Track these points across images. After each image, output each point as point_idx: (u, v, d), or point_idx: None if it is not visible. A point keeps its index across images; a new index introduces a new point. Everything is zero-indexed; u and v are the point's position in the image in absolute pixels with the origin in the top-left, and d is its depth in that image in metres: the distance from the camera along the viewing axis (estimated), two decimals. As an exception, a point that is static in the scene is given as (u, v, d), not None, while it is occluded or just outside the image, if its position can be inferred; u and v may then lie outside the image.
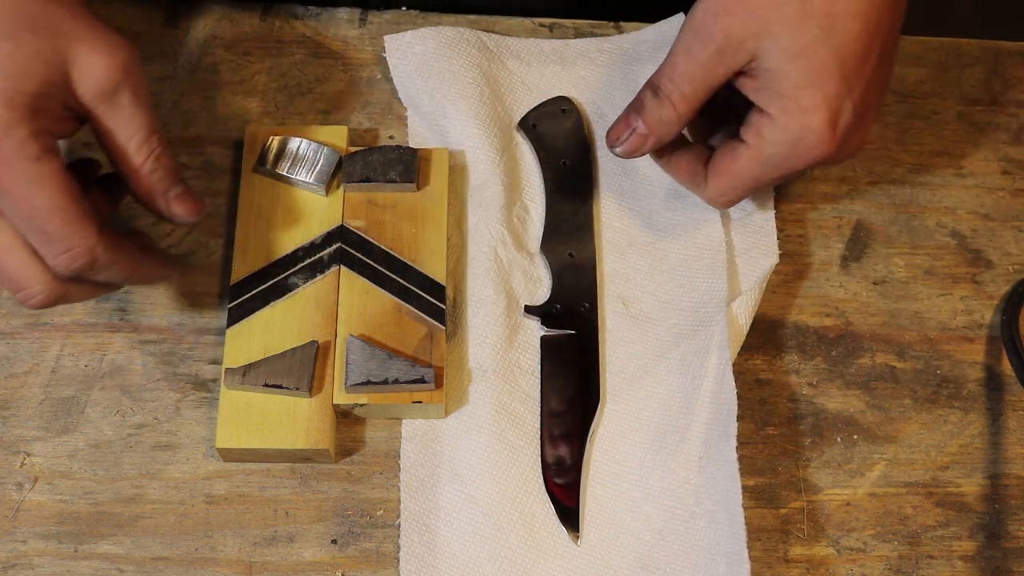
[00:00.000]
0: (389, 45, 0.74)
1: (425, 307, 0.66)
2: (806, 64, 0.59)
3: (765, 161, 0.62)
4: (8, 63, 0.52)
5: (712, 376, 0.65)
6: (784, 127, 0.60)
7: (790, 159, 0.61)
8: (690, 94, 0.62)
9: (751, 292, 0.68)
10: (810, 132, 0.60)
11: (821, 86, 0.59)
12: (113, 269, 0.57)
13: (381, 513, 0.64)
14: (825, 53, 0.59)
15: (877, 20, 0.59)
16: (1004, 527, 0.66)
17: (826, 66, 0.59)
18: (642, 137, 0.63)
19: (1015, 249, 0.73)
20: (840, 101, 0.59)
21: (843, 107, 0.59)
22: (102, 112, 0.56)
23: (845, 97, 0.59)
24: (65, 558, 0.62)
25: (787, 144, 0.60)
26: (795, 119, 0.60)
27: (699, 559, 0.62)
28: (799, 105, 0.59)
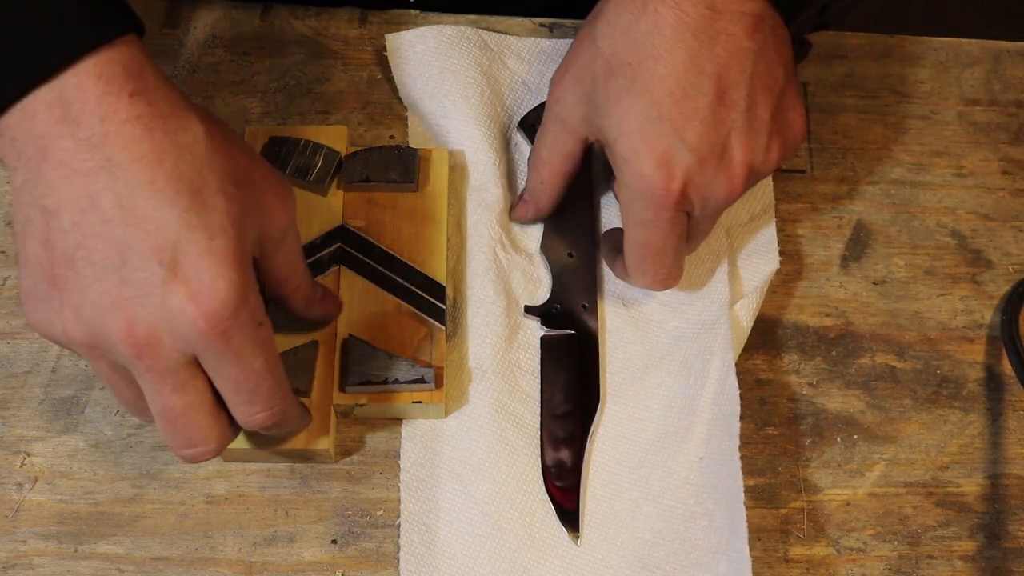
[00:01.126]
0: (390, 45, 0.74)
1: (425, 307, 0.66)
2: (619, 117, 0.59)
3: (635, 224, 0.61)
4: (228, 224, 0.51)
5: (715, 378, 0.65)
6: (625, 184, 0.60)
7: (649, 210, 0.60)
8: (550, 160, 0.66)
9: (752, 296, 0.68)
10: (643, 178, 0.59)
11: (638, 133, 0.59)
12: (290, 425, 0.59)
13: (381, 513, 0.64)
14: (633, 100, 0.59)
15: (688, 56, 0.58)
16: (1004, 527, 0.66)
17: (636, 113, 0.59)
18: (525, 204, 0.69)
19: (1015, 249, 0.73)
20: (664, 142, 0.58)
21: (671, 147, 0.58)
22: (278, 250, 0.56)
23: (670, 137, 0.58)
24: (65, 558, 0.62)
25: (636, 197, 0.60)
26: (628, 172, 0.60)
27: (699, 559, 0.62)
28: (626, 156, 0.59)
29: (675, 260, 0.63)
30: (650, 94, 0.59)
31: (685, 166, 0.59)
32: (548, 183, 0.67)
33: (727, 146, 0.59)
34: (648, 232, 0.61)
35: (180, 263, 0.50)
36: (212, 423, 0.54)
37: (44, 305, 0.52)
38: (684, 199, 0.60)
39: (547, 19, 0.77)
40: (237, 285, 0.50)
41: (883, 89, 0.77)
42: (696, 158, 0.59)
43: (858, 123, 0.76)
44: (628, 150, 0.59)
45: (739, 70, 0.59)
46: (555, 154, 0.66)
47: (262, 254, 0.56)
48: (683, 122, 0.58)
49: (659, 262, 0.63)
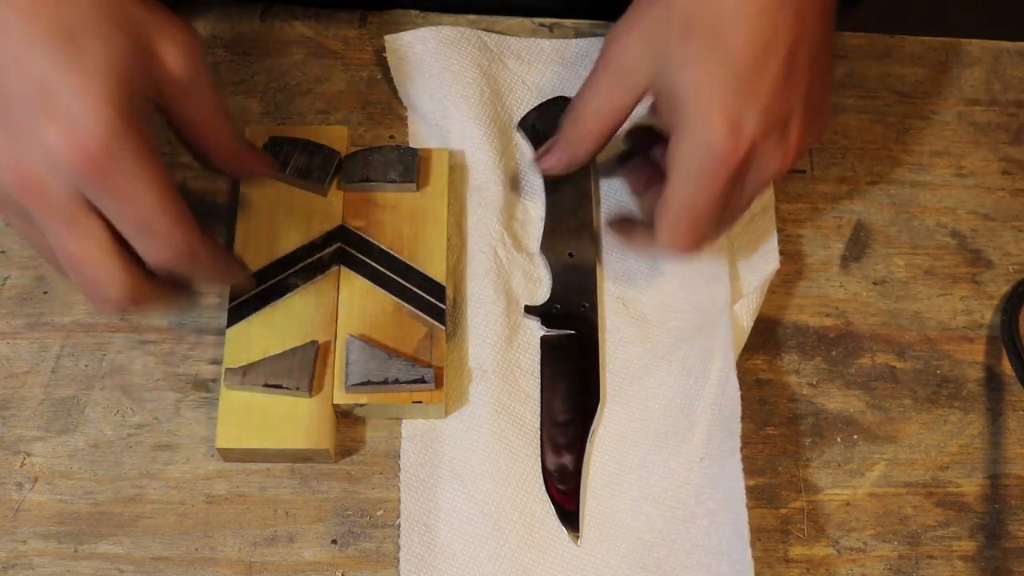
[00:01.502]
0: (389, 45, 0.74)
1: (425, 307, 0.66)
2: (695, 77, 0.59)
3: (685, 182, 0.61)
4: (102, 63, 0.52)
5: (715, 378, 0.65)
6: (688, 141, 0.60)
7: (706, 174, 0.60)
8: (600, 113, 0.65)
9: (752, 295, 0.68)
10: (712, 140, 0.59)
11: (714, 95, 0.59)
12: (206, 264, 0.58)
13: (381, 513, 0.64)
14: (712, 64, 0.59)
15: (771, 26, 0.59)
16: (1004, 527, 0.66)
17: (714, 76, 0.59)
18: (558, 154, 0.68)
19: (1015, 249, 0.73)
20: (738, 106, 0.59)
21: (743, 112, 0.59)
22: (183, 97, 0.56)
23: (744, 103, 0.59)
24: (65, 558, 0.62)
25: (695, 158, 0.60)
26: (695, 131, 0.60)
27: (700, 559, 0.62)
28: (696, 116, 0.60)
29: (709, 227, 0.63)
30: (730, 58, 0.59)
31: (753, 131, 0.59)
32: (594, 135, 0.66)
33: (788, 120, 0.61)
34: (697, 192, 0.61)
35: (55, 104, 0.51)
36: (116, 265, 0.55)
37: None
38: (744, 165, 0.60)
39: (547, 19, 0.77)
40: (111, 122, 0.52)
41: (883, 89, 0.77)
42: (764, 126, 0.60)
43: (858, 123, 0.76)
44: (700, 108, 0.59)
45: (807, 47, 0.60)
46: (609, 108, 0.64)
47: (165, 103, 0.56)
48: (757, 89, 0.59)
49: (696, 225, 0.62)
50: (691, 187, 0.61)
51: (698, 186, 0.61)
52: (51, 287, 0.68)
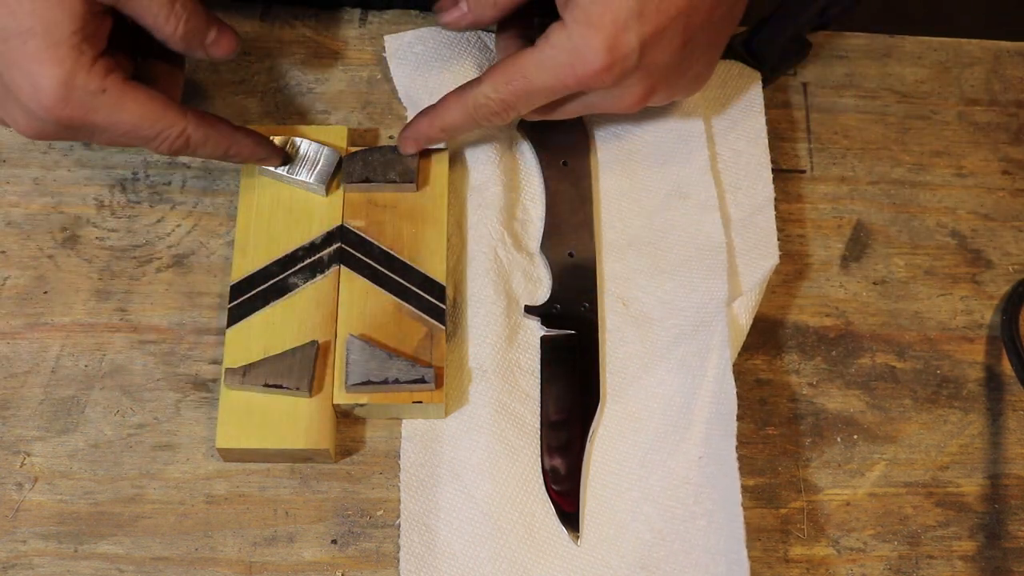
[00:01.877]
0: (389, 45, 0.74)
1: (425, 307, 0.66)
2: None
3: (541, 63, 0.62)
4: (35, 21, 0.56)
5: (712, 376, 0.65)
6: (568, 35, 0.61)
7: (562, 68, 0.61)
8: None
9: (751, 293, 0.68)
10: (588, 46, 0.60)
11: (612, 8, 0.60)
12: (209, 143, 0.63)
13: (381, 513, 0.64)
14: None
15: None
16: (1004, 527, 0.66)
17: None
18: (461, 13, 0.67)
19: (1015, 249, 0.73)
20: (626, 29, 0.60)
21: (626, 35, 0.60)
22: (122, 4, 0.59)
23: (632, 27, 0.60)
24: (65, 558, 0.62)
25: (565, 52, 0.61)
26: (579, 30, 0.60)
27: (699, 559, 0.62)
28: (587, 17, 0.60)
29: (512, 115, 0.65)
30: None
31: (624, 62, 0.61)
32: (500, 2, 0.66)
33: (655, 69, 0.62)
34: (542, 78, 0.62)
35: (14, 74, 0.58)
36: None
37: None
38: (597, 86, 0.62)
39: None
40: (57, 76, 0.58)
41: (883, 89, 0.77)
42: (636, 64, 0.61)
43: (858, 123, 0.76)
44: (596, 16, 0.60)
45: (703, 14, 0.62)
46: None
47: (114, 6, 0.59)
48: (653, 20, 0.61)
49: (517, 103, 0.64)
50: (542, 69, 0.62)
51: (548, 73, 0.62)
52: (51, 287, 0.68)
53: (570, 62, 0.61)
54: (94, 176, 0.71)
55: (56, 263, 0.68)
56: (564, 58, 0.61)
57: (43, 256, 0.69)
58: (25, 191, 0.70)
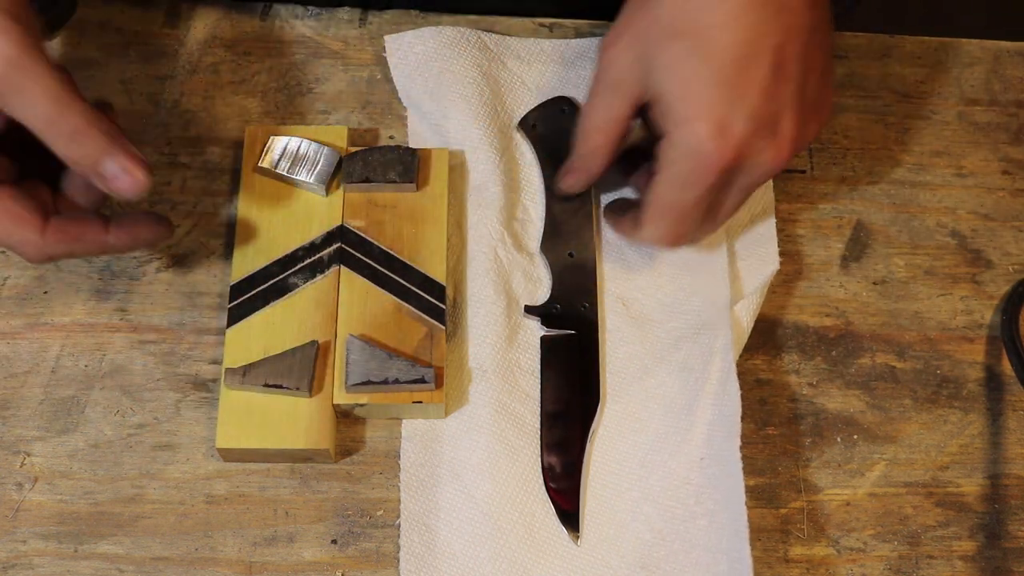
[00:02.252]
0: (389, 45, 0.74)
1: (425, 307, 0.66)
2: (680, 80, 0.60)
3: (673, 182, 0.61)
4: None
5: (716, 378, 0.65)
6: (676, 142, 0.60)
7: (694, 173, 0.60)
8: (602, 126, 0.65)
9: (752, 296, 0.68)
10: (699, 141, 0.59)
11: (699, 98, 0.59)
12: (75, 254, 0.61)
13: (381, 513, 0.64)
14: (697, 64, 0.59)
15: (754, 26, 0.59)
16: (1004, 527, 0.66)
17: (699, 78, 0.59)
18: (575, 172, 0.68)
19: (1015, 249, 0.73)
20: (724, 109, 0.59)
21: (730, 114, 0.59)
22: (8, 110, 0.56)
23: (730, 104, 0.59)
24: (65, 558, 0.62)
25: (684, 158, 0.60)
26: (683, 131, 0.60)
27: (699, 558, 0.62)
28: (684, 117, 0.60)
29: (693, 225, 0.63)
30: (714, 60, 0.59)
31: (740, 134, 0.59)
32: (602, 149, 0.66)
33: (779, 119, 0.60)
34: (683, 192, 0.61)
35: None
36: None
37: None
38: (731, 167, 0.60)
39: (547, 19, 0.77)
40: None
41: (883, 89, 0.77)
42: (752, 128, 0.60)
43: (858, 123, 0.76)
44: (685, 112, 0.60)
45: (796, 44, 0.60)
46: (609, 120, 0.65)
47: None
48: (744, 91, 0.59)
49: (681, 222, 0.63)
50: (677, 187, 0.61)
51: (683, 187, 0.61)
52: (51, 287, 0.68)
53: (692, 166, 0.60)
54: (94, 176, 0.71)
55: (56, 263, 0.68)
56: (686, 165, 0.60)
57: (43, 256, 0.69)
58: (25, 191, 0.70)
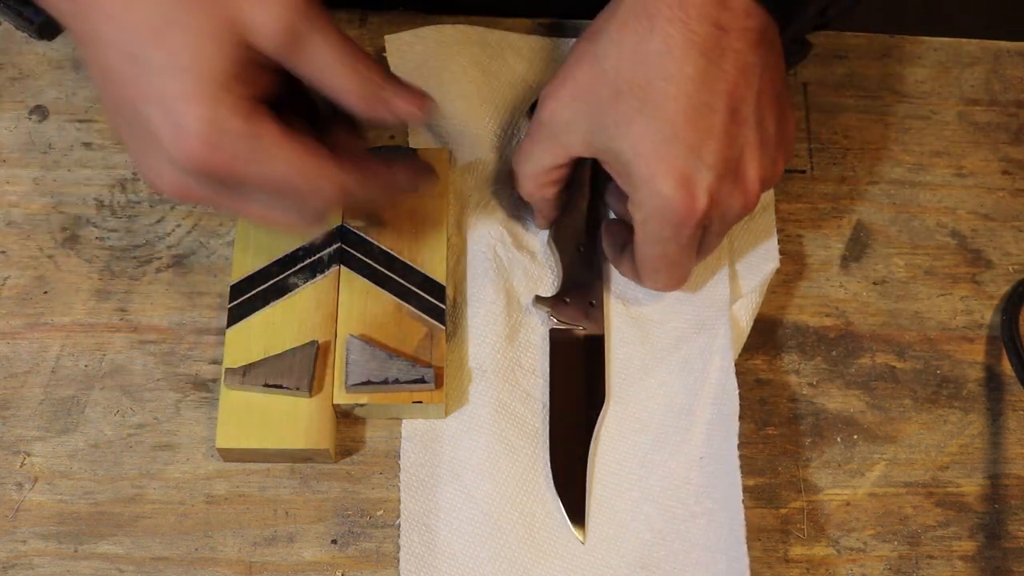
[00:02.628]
0: (390, 45, 0.74)
1: (425, 307, 0.66)
2: (635, 140, 0.59)
3: (651, 238, 0.61)
4: (187, 58, 0.52)
5: (715, 378, 0.65)
6: (640, 203, 0.60)
7: (668, 228, 0.60)
8: (534, 175, 0.65)
9: (752, 295, 0.68)
10: (662, 198, 0.59)
11: (657, 156, 0.59)
12: (370, 192, 0.58)
13: (381, 513, 0.64)
14: (648, 125, 0.58)
15: (701, 76, 0.58)
16: (1004, 527, 0.66)
17: (653, 137, 0.58)
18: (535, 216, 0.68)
19: (1015, 249, 0.73)
20: (683, 163, 0.58)
21: (690, 165, 0.58)
22: (294, 60, 0.55)
23: (688, 158, 0.58)
24: (65, 558, 0.62)
25: (653, 215, 0.60)
26: (647, 191, 0.59)
27: (699, 558, 0.62)
28: (644, 176, 0.59)
29: (688, 267, 0.64)
30: (663, 114, 0.58)
31: (706, 185, 0.59)
32: (537, 196, 0.66)
33: (741, 162, 0.60)
34: (666, 248, 0.61)
35: (158, 113, 0.52)
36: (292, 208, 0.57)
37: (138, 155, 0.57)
38: (703, 217, 0.60)
39: (546, 19, 0.77)
40: (207, 118, 0.52)
41: (883, 89, 0.77)
42: (715, 176, 0.59)
43: (858, 123, 0.76)
44: (646, 171, 0.59)
45: (747, 86, 0.59)
46: (542, 169, 0.65)
47: (284, 63, 0.55)
48: (699, 141, 0.58)
49: (673, 271, 0.63)
50: (658, 244, 0.61)
51: (664, 243, 0.61)
52: (51, 287, 0.68)
53: (665, 223, 0.60)
54: (94, 176, 0.71)
55: (56, 263, 0.68)
56: (659, 223, 0.60)
57: (43, 256, 0.69)
58: (25, 191, 0.70)
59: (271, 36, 0.53)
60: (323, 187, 0.55)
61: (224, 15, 0.53)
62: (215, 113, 0.52)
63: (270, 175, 0.54)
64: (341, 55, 0.55)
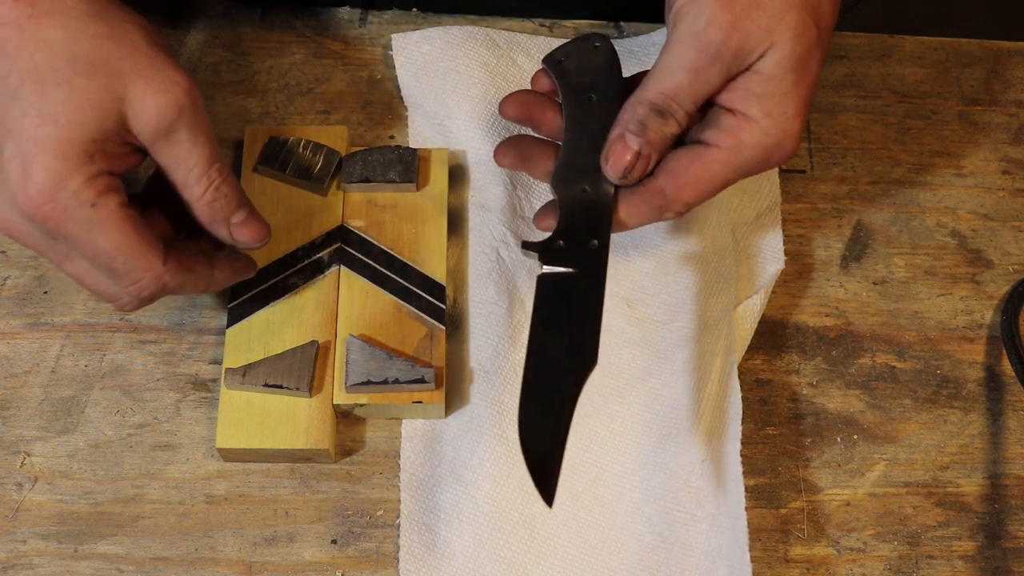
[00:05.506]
0: (396, 44, 0.74)
1: (425, 307, 0.66)
2: (800, 73, 0.58)
3: (740, 165, 0.59)
4: (61, 112, 0.53)
5: (717, 380, 0.65)
6: (767, 131, 0.58)
7: (764, 162, 0.59)
8: (692, 110, 0.60)
9: (756, 297, 0.68)
10: (789, 137, 0.59)
11: (805, 93, 0.59)
12: (186, 287, 0.59)
13: (381, 513, 0.64)
14: (815, 63, 0.59)
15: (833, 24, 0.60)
16: (1004, 527, 0.66)
17: (812, 74, 0.59)
18: (647, 159, 0.60)
19: (1015, 249, 0.73)
20: (809, 104, 0.59)
21: (808, 110, 0.60)
22: (159, 149, 0.57)
23: (811, 99, 0.60)
24: (65, 558, 0.62)
25: (766, 148, 0.59)
26: (778, 124, 0.58)
27: (699, 562, 0.62)
28: (785, 111, 0.58)
29: None
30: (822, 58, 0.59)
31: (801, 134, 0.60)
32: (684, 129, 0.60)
33: None
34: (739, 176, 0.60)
35: (13, 149, 0.53)
36: (108, 282, 0.57)
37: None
38: None
39: (547, 19, 0.77)
40: (54, 170, 0.53)
41: (883, 89, 0.77)
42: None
43: (858, 123, 0.76)
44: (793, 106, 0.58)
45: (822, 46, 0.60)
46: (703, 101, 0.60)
47: (149, 149, 0.57)
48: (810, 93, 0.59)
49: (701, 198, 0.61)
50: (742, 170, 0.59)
51: (747, 170, 0.59)
52: (51, 287, 0.68)
53: (771, 156, 0.59)
54: (94, 176, 0.71)
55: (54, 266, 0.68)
56: (765, 154, 0.59)
57: (43, 256, 0.69)
58: (25, 191, 0.70)
59: (147, 123, 0.55)
60: (140, 275, 0.57)
61: (113, 88, 0.54)
62: (63, 170, 0.53)
63: (93, 245, 0.55)
64: (202, 162, 0.57)
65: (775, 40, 0.57)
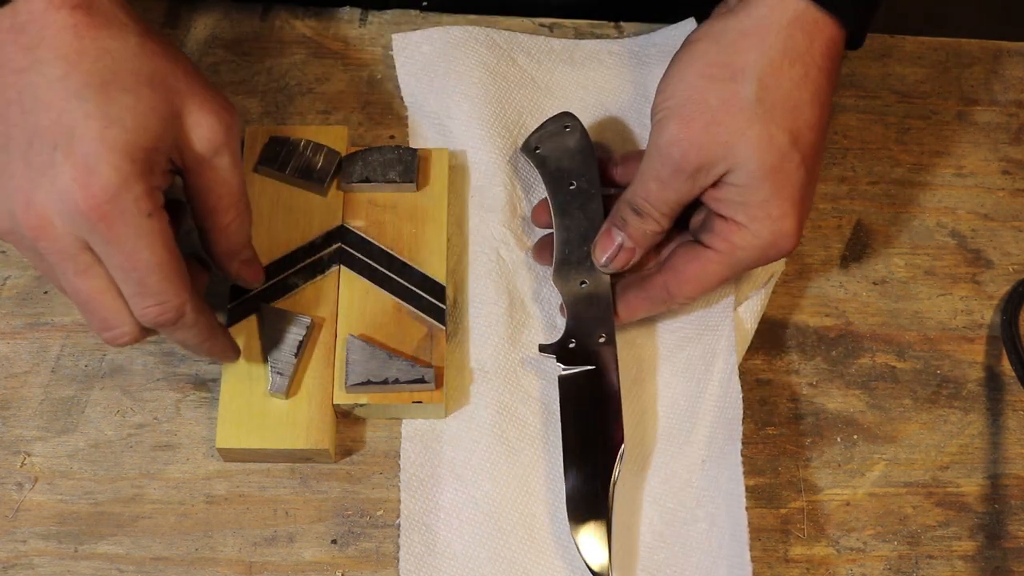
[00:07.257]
0: (397, 44, 0.74)
1: (425, 307, 0.66)
2: (775, 180, 0.60)
3: (735, 264, 0.63)
4: (128, 117, 0.54)
5: (717, 380, 0.65)
6: (756, 234, 0.61)
7: (760, 259, 0.63)
8: (668, 212, 0.64)
9: (757, 298, 0.68)
10: (782, 236, 0.61)
11: (789, 194, 0.61)
12: (193, 330, 0.59)
13: (381, 513, 0.64)
14: (791, 167, 0.60)
15: (826, 122, 0.62)
16: (1004, 527, 0.66)
17: (791, 178, 0.61)
18: (630, 251, 0.65)
19: (1015, 249, 0.73)
20: (805, 201, 0.62)
21: (806, 205, 0.62)
22: (202, 170, 0.57)
23: (808, 196, 0.62)
24: (65, 558, 0.62)
25: (759, 248, 0.62)
26: (766, 226, 0.61)
27: (699, 562, 0.62)
28: (769, 214, 0.61)
29: None
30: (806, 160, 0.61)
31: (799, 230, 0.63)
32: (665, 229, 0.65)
33: None
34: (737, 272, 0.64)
35: (74, 148, 0.53)
36: (118, 307, 0.56)
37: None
38: None
39: (547, 19, 0.77)
40: (122, 171, 0.53)
41: (883, 89, 0.77)
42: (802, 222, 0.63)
43: (858, 123, 0.76)
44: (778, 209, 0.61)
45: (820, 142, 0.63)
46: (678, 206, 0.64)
47: (186, 169, 0.57)
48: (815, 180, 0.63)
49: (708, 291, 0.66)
50: (738, 268, 0.63)
51: (744, 267, 0.63)
52: (51, 287, 0.68)
53: (768, 254, 0.62)
54: (94, 176, 0.71)
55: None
56: (759, 254, 0.62)
57: (43, 256, 0.69)
58: (25, 191, 0.70)
59: (200, 139, 0.56)
60: (169, 297, 0.56)
61: (173, 102, 0.56)
62: (131, 173, 0.53)
63: (136, 256, 0.54)
64: (236, 190, 0.59)
65: (738, 155, 0.60)
